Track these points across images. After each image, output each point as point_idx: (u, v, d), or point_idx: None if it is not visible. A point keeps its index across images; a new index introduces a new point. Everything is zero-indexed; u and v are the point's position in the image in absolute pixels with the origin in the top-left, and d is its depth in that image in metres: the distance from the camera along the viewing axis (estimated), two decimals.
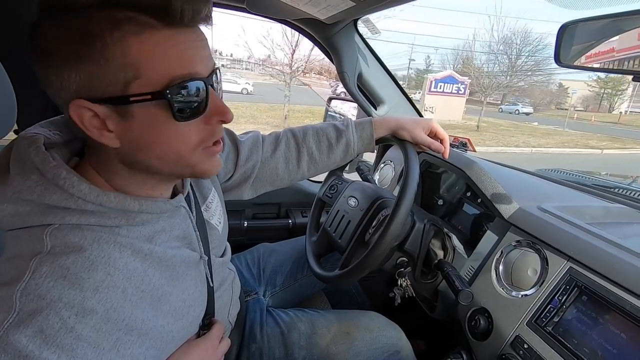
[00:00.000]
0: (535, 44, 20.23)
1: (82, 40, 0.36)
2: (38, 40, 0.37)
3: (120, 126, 0.40)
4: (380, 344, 0.81)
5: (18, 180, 0.40)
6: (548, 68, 24.64)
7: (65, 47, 0.36)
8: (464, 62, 23.25)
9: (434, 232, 0.84)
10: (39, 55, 0.38)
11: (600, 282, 0.57)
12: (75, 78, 0.37)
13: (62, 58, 0.37)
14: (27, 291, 0.36)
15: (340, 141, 0.81)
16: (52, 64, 0.37)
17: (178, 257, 0.49)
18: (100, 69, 0.36)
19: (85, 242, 0.40)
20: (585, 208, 0.80)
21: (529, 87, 34.85)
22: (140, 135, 0.41)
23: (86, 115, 0.39)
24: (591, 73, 34.12)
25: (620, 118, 28.86)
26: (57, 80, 0.37)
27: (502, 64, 20.40)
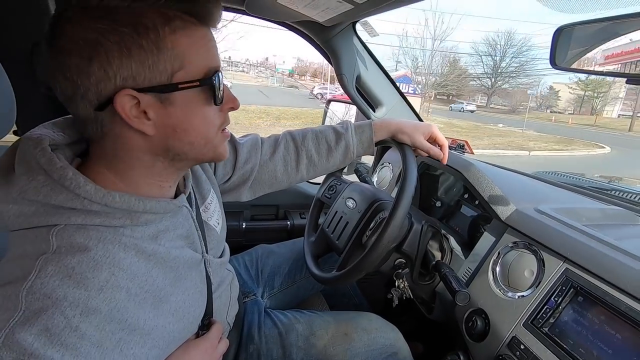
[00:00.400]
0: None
1: (136, 33, 0.39)
2: (78, 32, 0.38)
3: (160, 114, 0.43)
4: (378, 345, 0.81)
5: (24, 181, 0.41)
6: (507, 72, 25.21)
7: (118, 38, 0.38)
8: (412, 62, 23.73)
9: (432, 234, 0.84)
10: (83, 47, 0.38)
11: (596, 283, 0.57)
12: (125, 68, 0.39)
13: (112, 49, 0.38)
14: (33, 290, 0.36)
15: (340, 144, 0.82)
16: (99, 56, 0.38)
17: (181, 258, 0.50)
18: (152, 59, 0.40)
19: (90, 242, 0.40)
20: (581, 210, 0.80)
21: (512, 89, 35.41)
22: (178, 121, 0.45)
23: (128, 104, 0.41)
24: (572, 75, 34.49)
25: (596, 120, 28.97)
26: (101, 70, 0.39)
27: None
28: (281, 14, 0.93)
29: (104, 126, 0.43)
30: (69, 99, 0.41)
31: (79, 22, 0.38)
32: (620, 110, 30.38)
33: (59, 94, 0.42)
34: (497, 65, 35.80)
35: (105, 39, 0.38)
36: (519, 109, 35.42)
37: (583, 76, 33.81)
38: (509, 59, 32.38)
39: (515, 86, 37.06)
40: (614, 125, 26.49)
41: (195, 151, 0.48)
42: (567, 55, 0.64)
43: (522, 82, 36.47)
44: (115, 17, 0.38)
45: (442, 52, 26.94)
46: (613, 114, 30.39)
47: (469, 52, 29.11)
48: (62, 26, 0.39)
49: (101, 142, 0.45)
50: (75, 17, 0.39)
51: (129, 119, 0.41)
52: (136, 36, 0.39)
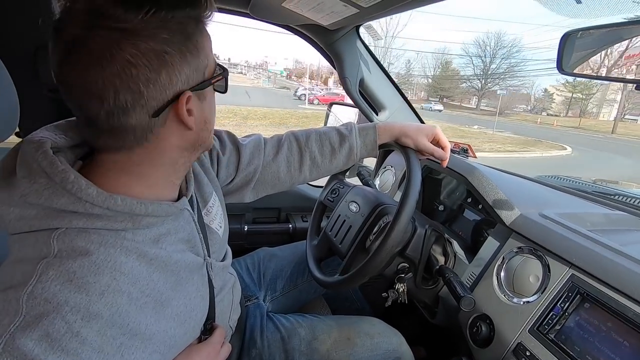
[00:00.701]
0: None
1: (187, 39, 0.42)
2: (150, 44, 0.39)
3: (198, 108, 0.47)
4: (380, 350, 0.80)
5: (25, 184, 0.40)
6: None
7: (177, 46, 0.41)
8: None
9: (435, 238, 0.84)
10: (152, 58, 0.39)
11: (603, 289, 0.57)
12: (184, 72, 0.43)
13: (175, 57, 0.41)
14: (34, 294, 0.36)
15: (343, 146, 0.81)
16: (166, 64, 0.41)
17: (182, 262, 0.49)
18: (197, 61, 0.44)
19: (91, 246, 0.40)
20: (586, 215, 0.80)
21: (501, 91, 35.73)
22: (207, 113, 0.50)
23: (184, 105, 0.44)
24: (560, 77, 34.37)
25: (580, 122, 28.97)
26: (167, 78, 0.41)
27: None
28: (285, 17, 0.93)
29: (153, 132, 0.44)
30: (122, 109, 0.40)
31: (138, 34, 0.38)
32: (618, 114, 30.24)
33: (111, 106, 0.39)
34: (486, 67, 35.90)
35: (169, 48, 0.40)
36: (506, 111, 35.72)
37: (571, 78, 33.93)
38: (499, 60, 32.48)
39: (505, 88, 37.27)
40: (599, 128, 26.48)
41: (210, 139, 0.53)
42: (572, 60, 0.64)
43: (513, 85, 36.64)
44: (171, 27, 0.40)
45: (434, 54, 27.29)
46: (611, 116, 30.22)
47: (460, 54, 29.46)
48: (118, 40, 0.37)
49: (133, 149, 0.44)
50: (132, 29, 0.38)
51: (182, 119, 0.45)
52: (188, 42, 0.42)
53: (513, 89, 38.27)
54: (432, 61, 43.19)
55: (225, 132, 0.77)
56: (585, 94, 33.95)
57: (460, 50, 45.62)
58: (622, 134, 23.44)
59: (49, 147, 0.42)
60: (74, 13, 0.38)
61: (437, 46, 64.99)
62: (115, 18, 0.37)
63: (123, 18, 0.37)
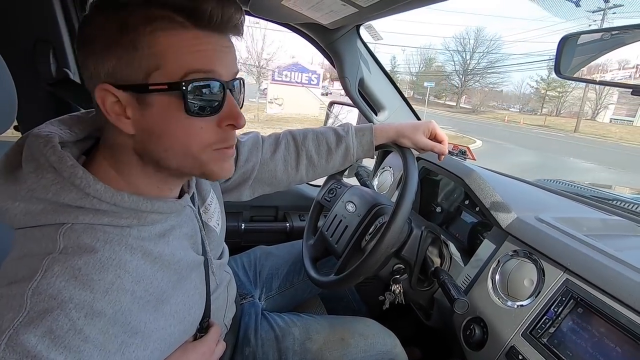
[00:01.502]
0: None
1: (119, 31, 0.39)
2: (84, 29, 0.41)
3: (138, 114, 0.42)
4: (374, 351, 0.80)
5: (32, 179, 0.40)
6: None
7: (105, 34, 0.40)
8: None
9: (432, 240, 0.84)
10: (83, 42, 0.41)
11: (596, 294, 0.56)
12: (107, 64, 0.40)
13: (100, 44, 0.40)
14: (39, 290, 0.36)
15: (340, 146, 0.81)
16: (91, 50, 0.41)
17: (184, 261, 0.50)
18: (129, 57, 0.40)
19: (97, 244, 0.40)
20: (582, 219, 0.80)
21: (479, 89, 35.77)
22: (153, 125, 0.43)
23: (109, 100, 0.41)
24: (533, 74, 33.77)
25: (546, 121, 28.67)
26: (92, 65, 0.41)
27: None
28: (285, 15, 0.92)
29: (101, 120, 0.44)
30: (82, 70, 0.44)
31: (89, 19, 0.41)
32: (613, 115, 29.68)
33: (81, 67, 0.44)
34: (466, 64, 35.87)
35: (98, 34, 0.40)
36: (481, 109, 35.64)
37: (545, 74, 33.21)
38: (478, 56, 32.51)
39: (484, 85, 37.25)
40: (564, 126, 26.26)
41: (176, 160, 0.45)
42: (571, 63, 0.64)
43: (492, 82, 36.68)
44: (109, 15, 0.40)
45: (419, 49, 27.38)
46: (605, 118, 29.81)
47: (442, 50, 29.63)
48: (82, 22, 0.42)
49: (104, 136, 0.46)
50: (90, 15, 0.41)
51: (107, 113, 0.42)
52: (118, 34, 0.39)
53: (492, 86, 38.29)
54: (417, 57, 42.86)
55: None
56: (559, 92, 33.59)
57: (441, 46, 45.37)
58: (587, 133, 23.34)
59: (57, 142, 0.42)
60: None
61: (423, 41, 64.55)
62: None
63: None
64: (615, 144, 18.85)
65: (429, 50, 42.10)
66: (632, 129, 25.68)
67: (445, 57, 38.58)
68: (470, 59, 35.90)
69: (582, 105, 27.67)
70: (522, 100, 40.54)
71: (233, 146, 0.48)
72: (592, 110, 30.72)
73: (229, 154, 0.48)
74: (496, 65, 36.03)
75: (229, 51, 0.44)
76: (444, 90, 40.16)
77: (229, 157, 0.49)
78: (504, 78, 37.09)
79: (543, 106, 36.07)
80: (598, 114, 29.46)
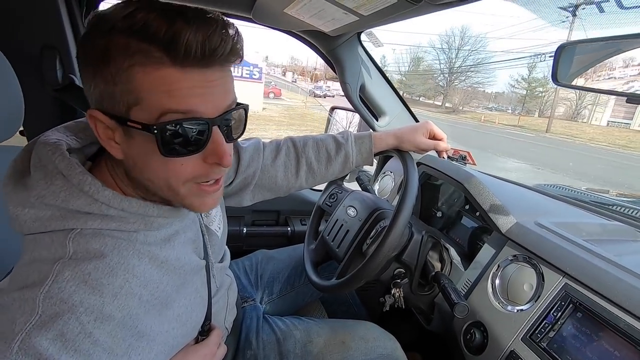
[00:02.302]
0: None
1: (102, 59, 0.38)
2: (80, 46, 0.41)
3: (124, 142, 0.42)
4: (375, 354, 0.80)
5: (42, 186, 0.41)
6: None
7: (91, 61, 0.39)
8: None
9: (432, 244, 0.84)
10: (79, 62, 0.41)
11: (595, 299, 0.57)
12: (95, 90, 0.40)
13: (87, 69, 0.40)
14: (50, 294, 0.36)
15: (339, 154, 0.83)
16: (83, 71, 0.41)
17: (188, 265, 0.51)
18: (111, 88, 0.39)
19: (105, 249, 0.41)
20: (582, 224, 0.80)
21: (452, 88, 35.94)
22: (136, 157, 0.43)
23: (99, 124, 0.41)
24: (514, 73, 33.43)
25: (519, 121, 28.54)
26: (86, 86, 0.41)
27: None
28: (287, 23, 0.94)
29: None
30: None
31: (83, 40, 0.40)
32: (610, 117, 28.87)
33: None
34: (451, 63, 35.76)
35: (86, 58, 0.40)
36: (465, 108, 35.63)
37: (526, 74, 33.24)
38: (463, 55, 32.49)
39: (469, 85, 37.31)
40: (537, 127, 26.15)
41: (161, 191, 0.45)
42: (569, 72, 0.65)
43: (476, 82, 36.60)
44: (94, 39, 0.38)
45: (408, 47, 27.58)
46: (602, 120, 29.43)
47: (426, 47, 29.85)
48: (80, 42, 0.41)
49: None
50: (85, 35, 0.40)
51: (99, 137, 0.42)
52: (102, 64, 0.38)
53: (476, 86, 38.38)
54: (407, 56, 42.83)
55: None
56: (540, 92, 33.47)
57: (429, 44, 45.42)
58: (558, 133, 23.34)
59: (65, 149, 0.43)
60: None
61: (415, 40, 64.36)
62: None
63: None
64: (583, 145, 18.83)
65: (418, 49, 42.19)
66: (608, 130, 25.40)
67: (432, 56, 38.37)
68: (455, 57, 35.87)
69: (554, 106, 27.73)
70: (504, 100, 40.43)
71: (218, 181, 0.47)
72: (572, 111, 30.64)
73: (209, 190, 0.47)
74: (478, 64, 36.10)
75: (214, 85, 0.40)
76: (429, 89, 40.06)
77: (211, 194, 0.47)
78: (489, 78, 37.23)
79: (524, 106, 35.83)
80: (593, 115, 29.15)
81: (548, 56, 28.01)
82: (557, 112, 30.82)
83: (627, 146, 19.22)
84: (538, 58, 29.55)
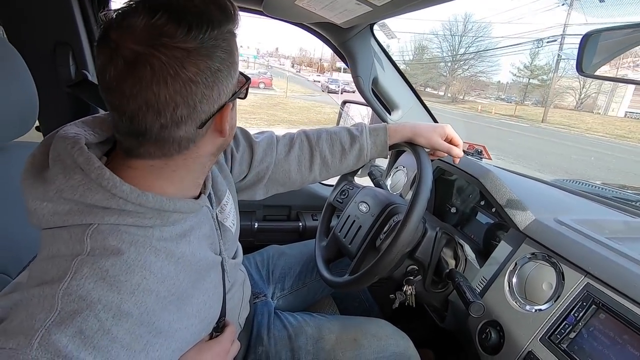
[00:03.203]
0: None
1: (231, 56, 0.43)
2: (209, 62, 0.41)
3: (232, 116, 0.49)
4: (387, 352, 0.80)
5: (61, 180, 0.41)
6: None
7: (228, 63, 0.43)
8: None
9: (446, 241, 0.83)
10: (209, 76, 0.41)
11: (619, 299, 0.55)
12: (229, 86, 0.44)
13: (224, 73, 0.43)
14: (69, 291, 0.36)
15: (354, 146, 0.81)
16: (219, 82, 0.42)
17: (204, 260, 0.51)
18: (236, 74, 0.46)
19: (123, 245, 0.41)
20: (604, 222, 0.77)
21: (450, 78, 35.39)
22: (234, 120, 0.51)
23: (226, 116, 0.46)
24: (516, 61, 31.63)
25: (516, 110, 27.35)
26: (217, 93, 0.43)
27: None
28: (298, 15, 0.92)
29: (195, 142, 0.45)
30: (177, 123, 0.41)
31: (199, 53, 0.39)
32: (628, 108, 26.79)
33: (167, 119, 0.41)
34: (454, 52, 34.90)
35: (222, 65, 0.42)
36: (465, 98, 34.91)
37: (528, 62, 31.77)
38: (466, 43, 31.56)
39: (472, 74, 36.34)
40: (535, 116, 24.91)
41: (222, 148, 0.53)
42: (593, 61, 0.62)
43: (478, 71, 35.60)
44: (221, 45, 0.41)
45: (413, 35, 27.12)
46: (619, 112, 27.37)
47: (428, 33, 29.18)
48: (182, 59, 0.39)
49: (173, 156, 0.45)
50: (194, 49, 0.39)
51: (224, 126, 0.46)
52: (232, 58, 0.43)
53: (479, 75, 37.45)
54: (411, 45, 41.98)
55: (239, 129, 0.78)
56: (541, 80, 32.16)
57: (431, 32, 44.35)
58: (554, 123, 22.36)
59: (84, 143, 0.43)
60: (133, 29, 0.37)
61: (422, 27, 63.18)
62: (176, 38, 0.38)
63: (184, 38, 0.38)
64: (580, 135, 18.10)
65: (422, 37, 41.38)
66: (608, 119, 23.92)
67: (435, 44, 37.54)
68: (459, 45, 35.09)
69: (550, 95, 26.73)
70: (507, 90, 39.11)
71: None
72: (576, 101, 29.40)
73: None
74: (478, 52, 35.15)
75: None
76: (431, 79, 39.20)
77: None
78: (492, 66, 36.17)
79: (526, 95, 34.40)
80: (610, 106, 27.70)
81: (546, 42, 26.91)
82: (564, 101, 29.91)
83: (625, 136, 18.30)
84: (536, 44, 28.31)
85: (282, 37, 72.58)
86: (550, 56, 30.67)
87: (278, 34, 68.18)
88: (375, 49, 1.15)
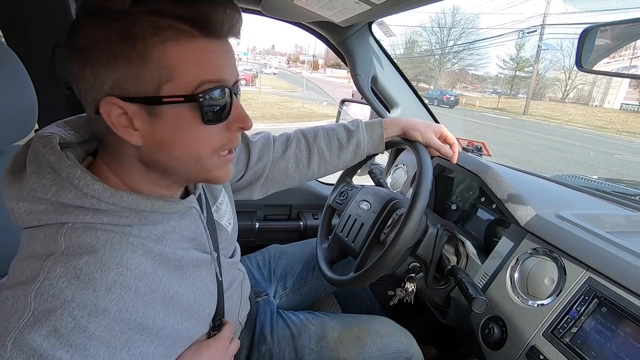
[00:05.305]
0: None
1: (123, 41, 0.38)
2: (78, 39, 0.39)
3: (147, 125, 0.42)
4: (390, 350, 0.80)
5: (34, 179, 0.41)
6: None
7: (106, 46, 0.38)
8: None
9: (447, 238, 0.83)
10: (77, 53, 0.39)
11: (621, 293, 0.55)
12: (110, 76, 0.39)
13: (101, 57, 0.38)
14: (42, 291, 0.36)
15: (351, 141, 0.82)
16: (89, 62, 0.39)
17: (186, 259, 0.50)
18: (138, 69, 0.38)
19: (98, 243, 0.40)
20: (605, 216, 0.78)
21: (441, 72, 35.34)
22: (164, 136, 0.42)
23: (115, 112, 0.40)
24: (502, 53, 31.34)
25: (499, 103, 27.37)
26: (92, 77, 0.39)
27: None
28: (297, 14, 0.92)
29: (102, 129, 0.43)
30: (81, 98, 0.42)
31: (82, 28, 0.39)
32: (624, 100, 26.31)
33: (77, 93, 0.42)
34: (443, 45, 34.78)
35: (95, 46, 0.38)
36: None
37: (514, 54, 31.54)
38: (455, 36, 31.44)
39: (461, 68, 36.34)
40: (518, 109, 24.74)
41: (185, 169, 0.46)
42: (592, 56, 0.62)
43: (467, 65, 35.53)
44: (107, 25, 0.38)
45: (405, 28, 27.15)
46: (615, 104, 26.73)
47: (416, 25, 29.09)
48: (71, 31, 0.39)
49: (104, 143, 0.46)
50: (81, 23, 0.39)
51: (114, 126, 0.41)
52: (123, 46, 0.38)
53: (468, 69, 37.59)
54: (401, 39, 41.88)
55: None
56: (527, 72, 31.67)
57: (418, 25, 44.12)
58: (535, 115, 22.27)
59: (57, 142, 0.43)
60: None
61: (413, 20, 63.01)
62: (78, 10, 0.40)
63: (80, 11, 0.40)
64: (557, 127, 17.97)
65: (412, 31, 41.32)
66: (591, 110, 23.68)
67: (424, 38, 37.42)
68: (447, 38, 35.01)
69: (531, 87, 26.49)
70: (493, 83, 39.00)
71: (232, 151, 0.50)
72: (562, 92, 29.34)
73: (230, 159, 0.49)
74: (467, 42, 35.06)
75: (231, 56, 0.44)
76: (420, 73, 39.00)
77: (229, 163, 0.50)
78: (481, 59, 36.24)
79: (512, 88, 34.17)
80: (606, 99, 27.37)
81: (527, 32, 26.67)
82: (558, 94, 29.71)
83: (604, 127, 18.12)
84: (517, 35, 28.00)
85: (278, 34, 72.87)
86: (533, 47, 30.56)
87: (274, 31, 68.42)
88: (374, 47, 1.15)
